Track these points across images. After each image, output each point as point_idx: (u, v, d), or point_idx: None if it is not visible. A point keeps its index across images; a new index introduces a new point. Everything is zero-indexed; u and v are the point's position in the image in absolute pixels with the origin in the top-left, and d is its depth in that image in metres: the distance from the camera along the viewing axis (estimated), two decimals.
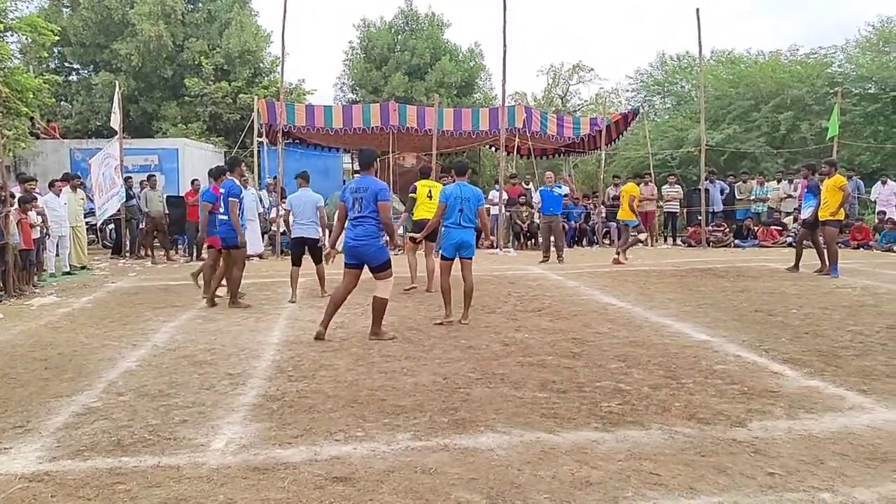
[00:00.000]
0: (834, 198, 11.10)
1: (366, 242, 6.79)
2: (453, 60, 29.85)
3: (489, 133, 19.19)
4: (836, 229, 11.48)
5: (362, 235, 6.79)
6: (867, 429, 4.16)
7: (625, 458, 3.78)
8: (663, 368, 5.60)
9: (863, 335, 6.74)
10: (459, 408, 4.66)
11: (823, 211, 11.25)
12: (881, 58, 26.75)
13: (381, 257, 6.86)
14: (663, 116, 31.12)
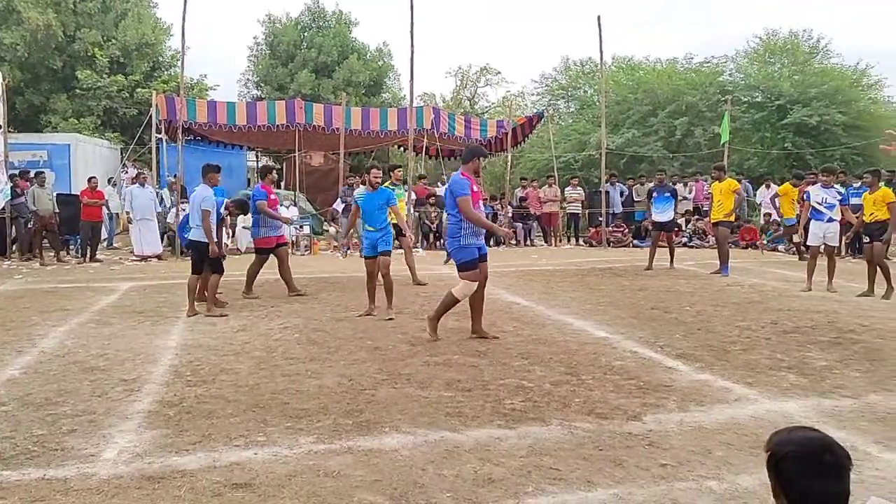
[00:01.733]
0: (728, 200, 11.74)
1: (448, 241, 6.91)
2: (361, 59, 29.66)
3: (397, 133, 19.19)
4: (727, 230, 12.16)
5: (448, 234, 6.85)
6: (751, 419, 4.40)
7: (526, 454, 3.86)
8: (565, 365, 5.75)
9: (750, 331, 7.13)
10: (364, 409, 4.63)
11: (717, 212, 11.87)
12: (767, 68, 28.41)
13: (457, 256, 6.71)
14: (567, 120, 31.91)
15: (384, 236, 8.18)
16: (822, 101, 24.34)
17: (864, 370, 5.57)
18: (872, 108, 27.49)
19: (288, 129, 18.57)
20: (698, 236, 17.84)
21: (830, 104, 24.27)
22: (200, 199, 8.27)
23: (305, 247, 16.21)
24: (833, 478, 1.84)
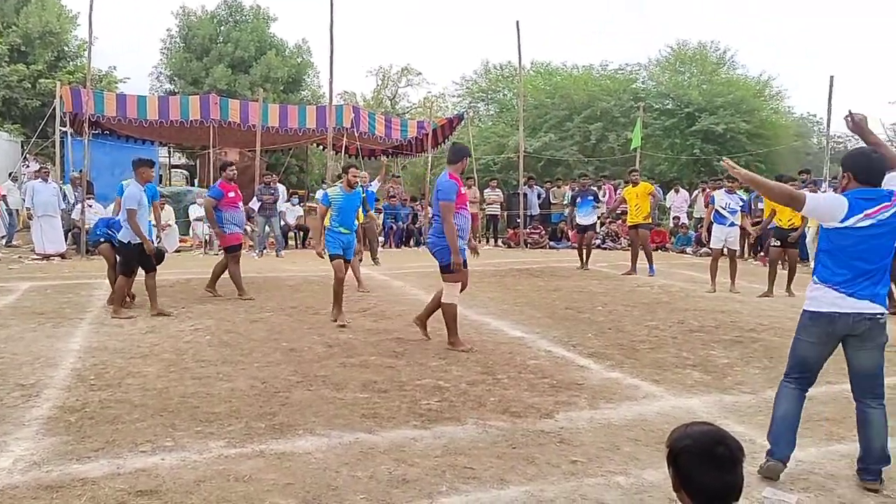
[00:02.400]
0: (645, 203, 12.21)
1: (431, 241, 6.59)
2: (280, 55, 29.13)
3: (316, 131, 18.95)
4: (648, 232, 12.67)
5: (431, 234, 6.73)
6: (658, 415, 4.57)
7: (441, 453, 3.88)
8: (481, 365, 5.81)
9: (658, 330, 7.38)
10: (278, 412, 4.55)
11: (636, 216, 12.29)
12: (677, 77, 29.54)
13: (441, 259, 6.39)
14: (487, 123, 32.28)
15: (353, 240, 8.02)
16: (728, 109, 25.48)
17: (762, 367, 5.86)
18: (774, 117, 29.01)
19: (202, 125, 18.06)
20: (611, 238, 18.34)
21: (736, 113, 25.43)
22: (123, 198, 7.95)
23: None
24: (727, 469, 1.93)
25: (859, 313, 3.53)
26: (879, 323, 3.55)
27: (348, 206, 7.77)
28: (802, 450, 4.00)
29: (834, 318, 3.58)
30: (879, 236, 3.55)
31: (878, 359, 3.61)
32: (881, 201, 3.56)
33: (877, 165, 3.66)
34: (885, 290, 3.59)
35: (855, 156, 3.75)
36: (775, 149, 26.49)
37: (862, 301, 3.53)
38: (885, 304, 3.58)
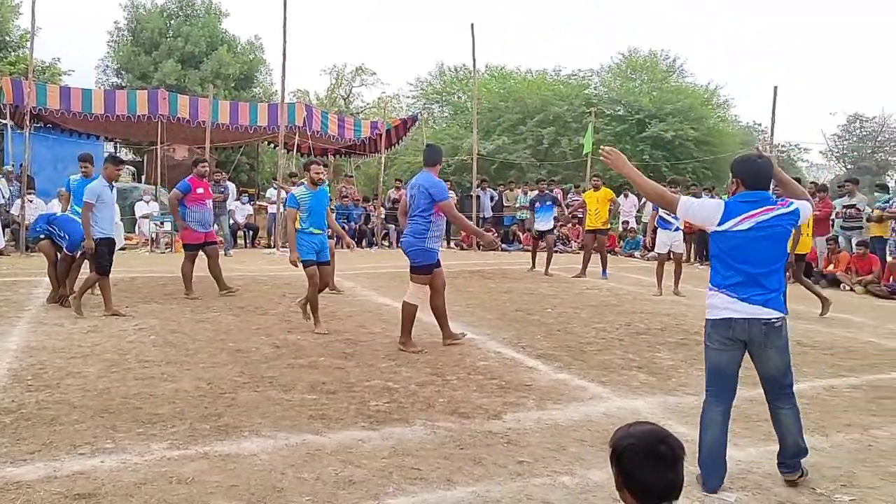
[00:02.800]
0: (604, 209, 12.43)
1: (407, 241, 6.55)
2: (231, 52, 28.73)
3: (268, 129, 18.73)
4: (606, 238, 12.97)
5: (408, 233, 6.57)
6: (603, 416, 4.63)
7: (388, 455, 3.87)
8: (430, 366, 5.82)
9: (605, 332, 7.50)
10: (223, 413, 4.48)
11: (595, 220, 12.52)
12: (629, 84, 30.09)
13: (415, 259, 6.48)
14: (441, 124, 32.37)
15: (326, 241, 7.49)
16: (677, 116, 26.07)
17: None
18: (721, 125, 29.80)
19: (150, 121, 17.67)
20: (562, 241, 18.55)
21: (684, 120, 26.03)
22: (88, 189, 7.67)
23: (166, 244, 15.48)
24: (668, 467, 1.96)
25: (755, 318, 3.52)
26: (775, 327, 3.54)
27: (317, 205, 7.31)
28: (741, 450, 4.11)
29: (731, 322, 3.57)
30: (761, 239, 3.55)
31: (780, 363, 3.60)
32: (762, 204, 3.58)
33: (763, 171, 3.70)
34: (777, 295, 3.56)
35: (742, 162, 3.79)
36: (722, 156, 27.16)
37: (754, 306, 3.52)
38: (780, 308, 3.56)
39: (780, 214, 3.59)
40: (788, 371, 3.66)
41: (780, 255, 3.61)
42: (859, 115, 51.10)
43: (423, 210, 6.42)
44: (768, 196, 3.64)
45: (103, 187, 7.72)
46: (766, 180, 3.71)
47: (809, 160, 52.70)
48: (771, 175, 3.76)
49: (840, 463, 3.97)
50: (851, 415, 4.86)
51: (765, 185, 3.68)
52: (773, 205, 3.59)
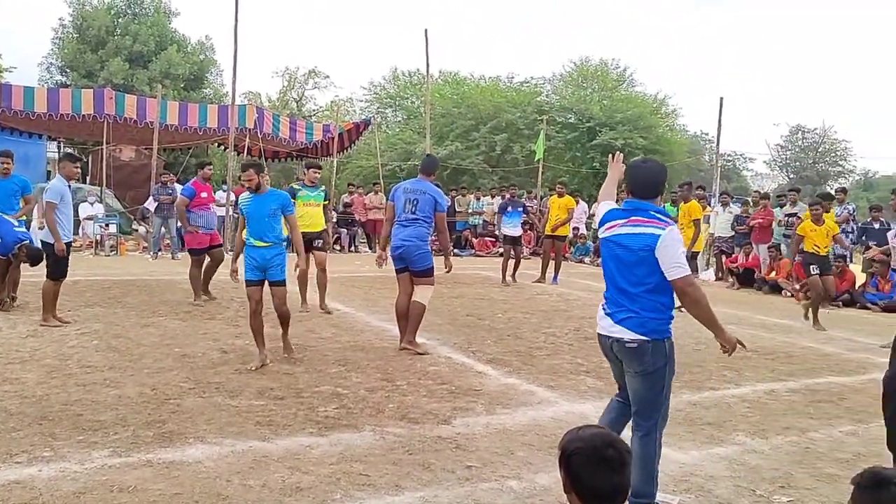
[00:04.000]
0: (564, 215, 12.64)
1: (413, 244, 6.54)
2: (181, 51, 28.24)
3: (218, 131, 18.44)
4: (563, 243, 13.19)
5: (412, 236, 6.54)
6: (551, 420, 4.68)
7: (336, 461, 3.84)
8: (381, 371, 5.80)
9: (554, 337, 7.58)
10: (167, 420, 4.39)
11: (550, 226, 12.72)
12: (580, 92, 30.53)
13: (424, 262, 6.62)
14: (394, 129, 32.34)
15: (278, 257, 5.99)
16: (627, 125, 26.54)
17: None
18: (669, 134, 30.45)
19: (95, 121, 17.24)
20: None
21: (634, 129, 26.52)
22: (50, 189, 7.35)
23: (111, 247, 15.10)
24: (615, 471, 1.99)
25: (614, 338, 3.30)
26: (627, 348, 3.25)
27: (256, 212, 6.01)
28: (685, 452, 4.20)
29: (600, 338, 3.43)
30: (615, 255, 3.34)
31: (637, 387, 3.30)
32: (630, 215, 3.34)
33: (642, 178, 3.42)
34: (638, 316, 3.24)
35: (628, 167, 3.59)
36: (670, 164, 27.72)
37: (616, 325, 3.30)
38: (641, 332, 3.23)
39: (635, 233, 3.27)
40: (644, 400, 3.29)
41: (641, 276, 3.25)
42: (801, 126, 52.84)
43: (427, 215, 6.59)
44: (643, 207, 3.34)
45: (65, 187, 7.46)
46: (644, 188, 3.39)
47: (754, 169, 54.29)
48: (658, 182, 3.44)
49: (779, 465, 4.09)
50: (790, 418, 5.01)
51: (645, 193, 3.38)
52: (644, 217, 3.29)
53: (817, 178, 49.52)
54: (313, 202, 8.58)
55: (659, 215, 3.31)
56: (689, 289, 3.20)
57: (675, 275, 3.18)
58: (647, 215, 3.29)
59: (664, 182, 3.48)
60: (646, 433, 3.28)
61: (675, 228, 3.28)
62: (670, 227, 3.25)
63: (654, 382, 3.26)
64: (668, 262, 3.18)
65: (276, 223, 5.99)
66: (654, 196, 3.42)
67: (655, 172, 3.46)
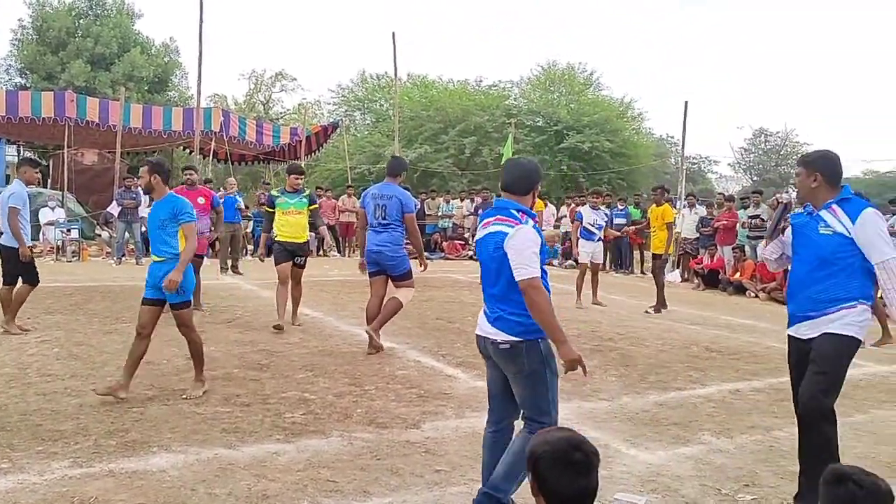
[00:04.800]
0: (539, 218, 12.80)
1: (388, 248, 6.70)
2: (145, 53, 27.84)
3: (183, 134, 18.20)
4: None
5: (387, 241, 6.70)
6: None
7: (304, 467, 3.80)
8: (349, 376, 5.76)
9: None
10: (130, 429, 4.31)
11: None
12: (547, 95, 30.71)
13: (402, 267, 6.83)
14: (363, 132, 32.21)
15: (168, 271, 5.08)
16: (594, 128, 26.77)
17: (618, 374, 6.15)
18: (636, 137, 30.77)
19: (56, 124, 16.92)
20: None
21: (601, 132, 26.75)
22: (8, 195, 7.11)
23: (73, 252, 14.81)
24: (582, 474, 1.99)
25: (489, 339, 3.20)
26: (501, 350, 3.15)
27: (150, 221, 5.29)
28: (652, 453, 4.24)
29: (477, 339, 3.32)
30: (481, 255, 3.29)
31: (521, 390, 3.20)
32: (493, 215, 3.27)
33: (515, 173, 3.35)
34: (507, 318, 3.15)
35: (504, 164, 3.51)
36: (637, 167, 28.08)
37: (490, 326, 3.21)
38: (512, 333, 3.13)
39: (492, 232, 3.21)
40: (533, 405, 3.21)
41: (502, 275, 3.15)
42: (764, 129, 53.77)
43: (397, 219, 6.74)
44: (508, 205, 3.25)
45: (27, 192, 7.31)
46: (516, 182, 3.30)
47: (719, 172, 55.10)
48: (532, 179, 3.34)
49: (743, 463, 4.14)
50: (755, 417, 5.08)
51: (516, 188, 3.29)
52: (504, 216, 3.20)
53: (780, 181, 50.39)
54: (293, 210, 7.77)
55: (517, 213, 3.20)
56: (531, 291, 3.05)
57: (520, 275, 3.06)
58: (506, 214, 3.21)
59: (538, 181, 3.38)
60: (531, 432, 3.12)
61: (528, 228, 3.13)
62: (522, 225, 3.13)
63: (536, 384, 3.16)
64: (514, 261, 3.08)
65: (169, 235, 5.11)
66: (525, 192, 3.30)
67: (530, 169, 3.37)
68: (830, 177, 3.52)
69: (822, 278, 3.45)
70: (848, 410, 5.32)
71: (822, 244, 3.46)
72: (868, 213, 3.41)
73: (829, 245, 3.44)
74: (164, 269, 5.06)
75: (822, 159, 3.57)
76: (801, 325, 3.54)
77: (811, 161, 3.59)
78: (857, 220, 3.38)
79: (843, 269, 3.41)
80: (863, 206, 3.44)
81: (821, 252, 3.47)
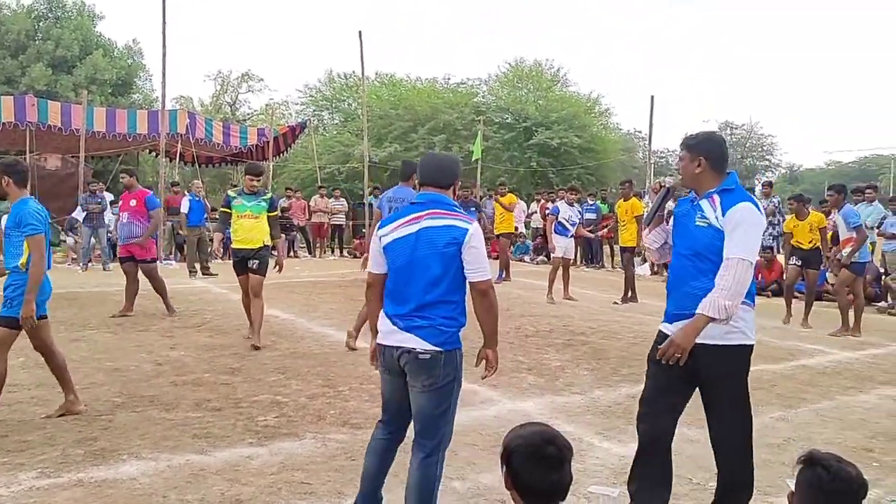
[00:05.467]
0: (509, 215, 13.17)
1: None
2: (107, 56, 27.35)
3: (148, 137, 17.92)
4: (509, 242, 13.40)
5: None
6: (494, 419, 4.70)
7: (277, 470, 3.77)
8: (322, 378, 5.73)
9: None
10: (99, 437, 4.25)
11: (501, 226, 12.91)
12: (516, 92, 30.80)
13: None
14: (331, 132, 32.02)
15: (9, 289, 4.49)
16: (562, 125, 26.91)
17: (591, 368, 6.20)
18: (603, 133, 31.01)
19: (16, 128, 16.55)
20: None
21: (569, 128, 26.90)
22: None
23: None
24: (554, 469, 2.01)
25: (404, 348, 2.99)
26: (419, 360, 2.98)
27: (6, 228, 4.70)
28: (625, 445, 4.28)
29: (384, 350, 3.09)
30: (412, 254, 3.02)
31: (423, 404, 3.02)
32: (422, 209, 3.07)
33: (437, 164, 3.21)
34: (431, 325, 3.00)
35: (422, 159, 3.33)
36: (605, 162, 28.30)
37: (406, 334, 3.00)
38: (435, 341, 3.00)
39: (440, 226, 3.00)
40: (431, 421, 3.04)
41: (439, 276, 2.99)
42: (730, 122, 54.61)
43: None
44: (441, 199, 3.09)
45: None
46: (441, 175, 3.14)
47: None
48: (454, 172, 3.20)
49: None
50: None
51: (442, 181, 3.13)
52: (445, 210, 3.04)
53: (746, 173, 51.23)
54: (250, 213, 7.13)
55: (459, 209, 3.10)
56: (491, 292, 3.05)
57: (482, 276, 3.00)
58: (448, 208, 3.06)
59: (459, 174, 3.24)
60: (428, 454, 3.02)
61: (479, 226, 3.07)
62: (475, 223, 3.05)
63: (443, 398, 3.03)
64: (475, 262, 2.99)
65: (13, 245, 4.51)
66: (448, 186, 3.15)
67: (450, 162, 3.24)
68: (716, 162, 3.12)
69: (698, 274, 3.05)
70: (814, 397, 5.44)
71: (698, 236, 3.07)
72: (741, 207, 2.98)
73: (703, 238, 3.05)
74: (7, 282, 4.48)
75: (707, 142, 3.16)
76: (679, 323, 3.05)
77: (695, 144, 3.16)
78: (727, 213, 2.98)
79: (719, 266, 2.97)
80: (739, 199, 3.01)
81: (695, 245, 3.08)
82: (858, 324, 8.35)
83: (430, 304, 2.99)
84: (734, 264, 2.89)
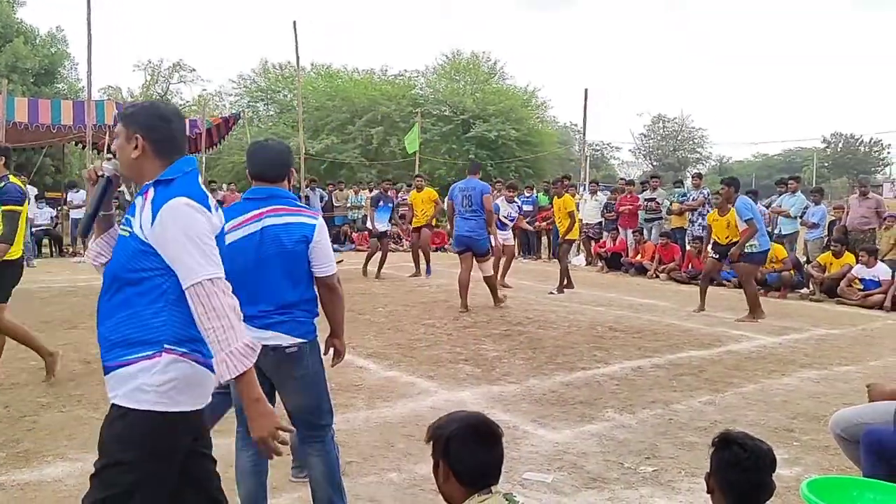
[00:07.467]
0: (429, 208, 12.95)
1: (477, 234, 8.70)
2: (29, 44, 26.24)
3: (73, 128, 17.28)
4: (429, 233, 13.25)
5: (475, 228, 8.70)
6: (430, 410, 4.72)
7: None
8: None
9: (434, 328, 7.65)
10: (22, 438, 4.10)
11: (421, 219, 12.93)
12: (453, 85, 30.89)
13: (484, 247, 8.76)
14: (267, 123, 31.51)
15: None
16: (500, 117, 27.14)
17: (526, 357, 6.29)
18: (540, 125, 31.38)
19: None
20: (393, 240, 18.69)
21: (506, 121, 27.15)
22: None
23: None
24: (491, 445, 2.06)
25: (269, 346, 2.81)
26: (287, 355, 2.91)
27: None
28: (558, 432, 4.37)
29: None
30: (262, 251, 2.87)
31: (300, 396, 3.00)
32: (263, 206, 2.92)
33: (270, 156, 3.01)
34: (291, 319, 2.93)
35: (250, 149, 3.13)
36: (542, 154, 28.66)
37: (268, 331, 2.87)
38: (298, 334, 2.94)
39: (288, 223, 2.90)
40: (314, 409, 3.02)
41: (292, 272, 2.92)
42: (662, 115, 56.00)
43: (479, 208, 8.64)
44: (280, 193, 2.96)
45: None
46: (274, 167, 2.98)
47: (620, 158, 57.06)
48: (287, 163, 3.03)
49: (645, 437, 4.32)
50: (655, 392, 5.30)
51: (276, 174, 2.98)
52: (288, 205, 2.94)
53: (678, 165, 52.67)
54: None
55: (301, 204, 3.03)
56: (339, 286, 3.06)
57: (328, 271, 2.99)
58: (289, 203, 2.95)
59: (291, 165, 3.09)
60: (321, 440, 3.03)
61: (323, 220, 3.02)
62: (320, 217, 3.03)
63: (317, 383, 3.02)
64: (323, 257, 2.96)
65: None
66: (282, 178, 3.00)
67: (282, 152, 3.04)
68: (160, 142, 2.15)
69: (115, 307, 2.11)
70: (740, 381, 5.64)
71: (118, 252, 2.16)
72: (172, 205, 2.03)
73: (124, 253, 2.12)
74: None
75: (146, 114, 2.18)
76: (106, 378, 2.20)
77: (130, 115, 2.19)
78: (156, 219, 2.03)
79: (145, 294, 2.06)
80: (173, 194, 2.05)
81: (114, 266, 2.15)
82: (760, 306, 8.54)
83: (289, 303, 2.93)
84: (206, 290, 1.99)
